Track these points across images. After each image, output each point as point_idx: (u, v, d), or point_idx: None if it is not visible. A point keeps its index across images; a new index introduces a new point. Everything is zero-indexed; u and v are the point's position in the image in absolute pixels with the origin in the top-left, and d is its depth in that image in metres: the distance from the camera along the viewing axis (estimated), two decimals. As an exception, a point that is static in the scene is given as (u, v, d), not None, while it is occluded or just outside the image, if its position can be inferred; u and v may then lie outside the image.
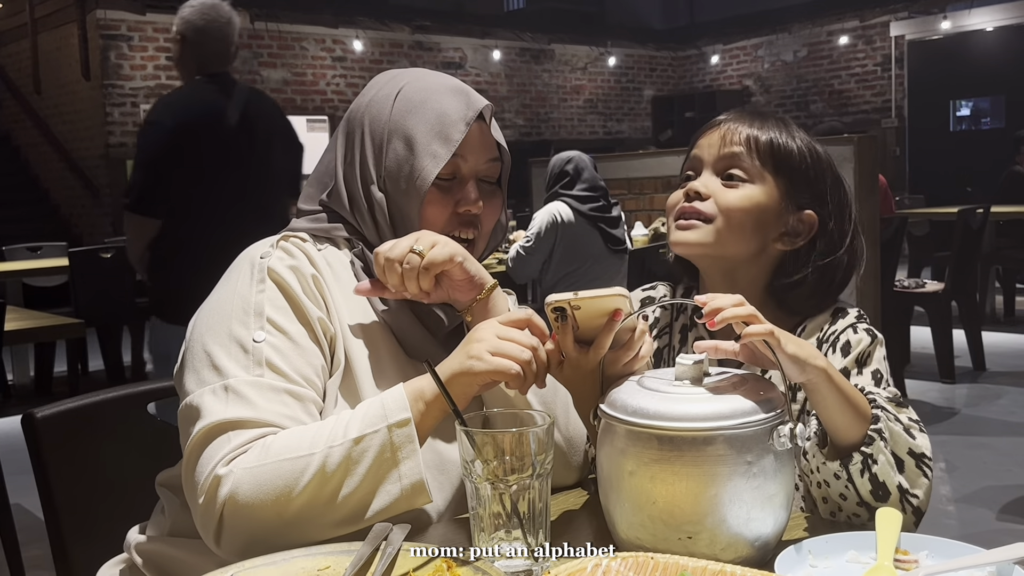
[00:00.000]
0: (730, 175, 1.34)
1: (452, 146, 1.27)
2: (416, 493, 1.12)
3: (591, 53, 14.16)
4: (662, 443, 1.00)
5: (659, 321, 1.48)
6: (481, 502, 1.03)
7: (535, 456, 1.02)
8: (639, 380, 1.09)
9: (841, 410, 1.12)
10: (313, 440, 1.11)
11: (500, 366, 1.12)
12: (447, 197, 1.30)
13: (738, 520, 0.99)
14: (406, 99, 1.30)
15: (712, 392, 1.03)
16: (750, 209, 1.33)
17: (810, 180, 1.36)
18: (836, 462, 1.14)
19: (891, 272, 5.21)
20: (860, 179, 4.46)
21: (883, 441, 1.13)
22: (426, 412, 1.14)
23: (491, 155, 1.33)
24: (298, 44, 11.42)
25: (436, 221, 1.30)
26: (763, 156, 1.34)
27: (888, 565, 0.96)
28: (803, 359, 1.07)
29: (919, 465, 1.16)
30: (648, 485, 1.01)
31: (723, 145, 1.36)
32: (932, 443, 1.21)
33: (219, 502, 1.09)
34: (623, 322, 1.17)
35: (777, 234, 1.35)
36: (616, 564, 0.93)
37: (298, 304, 1.22)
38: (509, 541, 1.02)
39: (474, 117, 1.29)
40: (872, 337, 1.31)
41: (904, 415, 1.20)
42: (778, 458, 1.01)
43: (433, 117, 1.28)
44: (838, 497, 1.16)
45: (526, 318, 1.19)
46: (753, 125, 1.37)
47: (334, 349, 1.24)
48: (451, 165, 1.29)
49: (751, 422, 0.99)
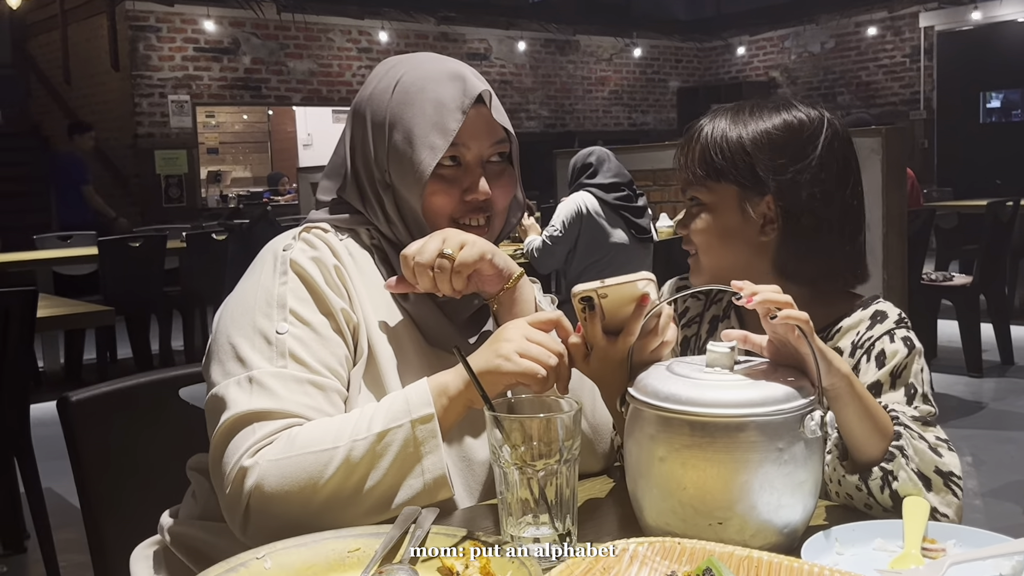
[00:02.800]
0: (691, 201, 1.37)
1: (449, 136, 1.25)
2: (438, 487, 1.14)
3: (616, 44, 14.10)
4: (694, 429, 1.00)
5: (689, 310, 1.48)
6: (509, 487, 1.04)
7: (563, 442, 1.02)
8: (668, 366, 1.09)
9: (860, 421, 1.11)
10: (337, 433, 1.13)
11: (528, 368, 1.13)
12: (452, 186, 1.29)
13: (768, 506, 0.99)
14: (403, 90, 1.29)
15: (744, 379, 1.03)
16: (711, 231, 1.34)
17: (751, 168, 1.31)
18: (856, 476, 1.13)
19: (918, 265, 5.17)
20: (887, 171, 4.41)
21: (904, 458, 1.12)
22: (449, 407, 1.16)
23: (495, 138, 1.31)
24: (324, 35, 11.45)
25: (441, 211, 1.29)
26: (702, 170, 1.33)
27: (915, 553, 0.96)
28: (829, 359, 1.06)
29: (947, 484, 1.14)
30: (679, 471, 1.01)
31: (681, 174, 1.38)
32: (958, 437, 1.20)
33: (245, 493, 1.11)
34: (650, 310, 1.17)
35: (757, 228, 1.33)
36: (643, 549, 0.93)
37: (320, 295, 1.23)
38: (536, 526, 1.03)
39: (470, 104, 1.26)
40: (909, 348, 1.27)
41: (931, 434, 1.19)
42: (808, 445, 1.01)
43: (430, 107, 1.27)
44: (863, 507, 1.15)
45: (556, 319, 1.20)
46: (695, 139, 1.36)
47: (357, 339, 1.25)
48: (452, 153, 1.27)
49: (783, 409, 0.99)
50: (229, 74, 10.86)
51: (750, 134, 1.32)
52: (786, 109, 1.34)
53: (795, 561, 0.89)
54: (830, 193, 1.32)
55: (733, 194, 1.32)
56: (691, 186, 1.36)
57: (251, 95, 11.15)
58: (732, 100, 1.55)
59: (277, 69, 11.17)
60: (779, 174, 1.31)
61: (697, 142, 1.35)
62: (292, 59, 11.24)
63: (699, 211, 1.35)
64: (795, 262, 1.34)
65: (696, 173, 1.35)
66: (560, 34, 13.45)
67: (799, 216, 1.31)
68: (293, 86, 11.31)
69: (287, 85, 11.25)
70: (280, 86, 11.24)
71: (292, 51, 11.24)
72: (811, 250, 1.33)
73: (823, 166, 1.32)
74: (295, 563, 1.01)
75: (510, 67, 13.02)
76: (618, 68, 14.27)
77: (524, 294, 1.27)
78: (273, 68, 11.15)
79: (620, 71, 14.30)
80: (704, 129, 1.35)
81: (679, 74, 14.97)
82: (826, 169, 1.32)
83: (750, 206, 1.32)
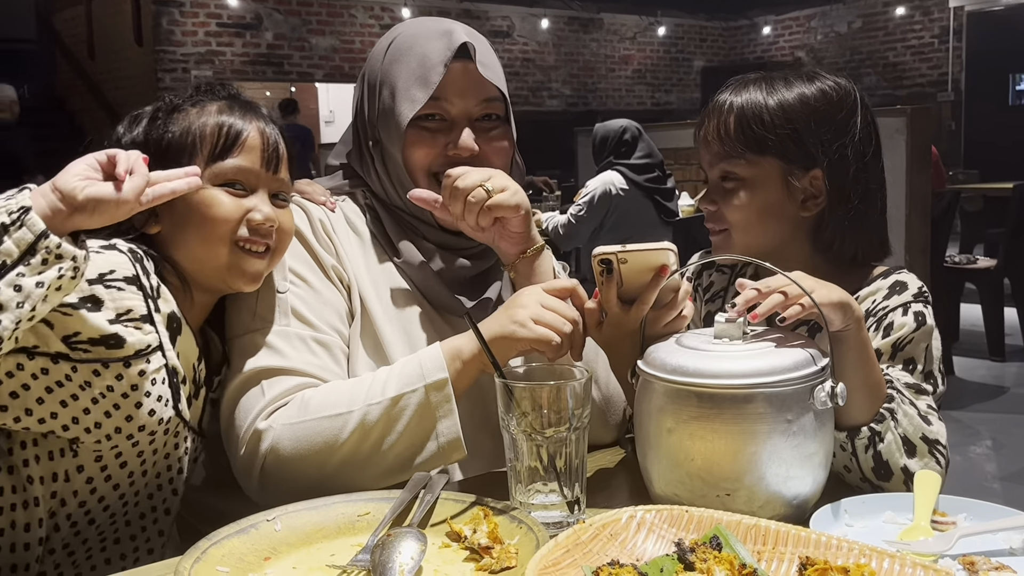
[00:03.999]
0: (726, 178, 1.31)
1: (430, 88, 1.25)
2: (453, 449, 1.14)
3: (640, 23, 13.97)
4: (702, 400, 1.00)
5: (714, 285, 1.47)
6: (518, 455, 1.04)
7: (572, 410, 1.02)
8: (677, 339, 1.09)
9: (858, 371, 1.09)
10: (352, 397, 1.13)
11: (542, 335, 1.13)
12: (433, 139, 1.28)
13: (777, 478, 0.99)
14: (395, 48, 1.31)
15: (752, 350, 1.02)
16: (753, 209, 1.29)
17: (799, 141, 1.28)
18: (843, 432, 1.12)
19: (942, 247, 5.11)
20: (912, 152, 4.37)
21: (894, 421, 1.11)
22: (463, 371, 1.16)
23: (483, 95, 1.29)
24: (347, 11, 11.42)
25: (420, 163, 1.29)
26: (743, 143, 1.28)
27: (925, 525, 0.95)
28: (844, 302, 1.05)
29: (932, 451, 1.13)
30: (687, 442, 1.01)
31: (709, 149, 1.32)
32: (979, 420, 1.19)
33: (260, 456, 1.12)
34: (667, 280, 1.16)
35: (798, 204, 1.30)
36: (651, 516, 0.94)
37: (313, 251, 1.26)
38: (545, 493, 1.03)
39: (451, 56, 1.25)
40: (918, 324, 1.23)
41: (922, 401, 1.18)
42: (818, 417, 1.00)
43: (415, 62, 1.27)
44: (842, 469, 1.14)
45: (571, 287, 1.20)
46: (727, 110, 1.30)
47: (351, 296, 1.27)
48: (435, 108, 1.27)
49: (791, 379, 0.99)
50: (251, 50, 10.86)
51: (792, 104, 1.28)
52: (818, 78, 1.31)
53: (802, 530, 0.89)
54: (871, 165, 1.31)
55: (776, 168, 1.28)
56: (725, 160, 1.30)
57: (273, 71, 11.14)
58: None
59: (299, 45, 11.15)
60: (827, 146, 1.28)
61: (730, 113, 1.29)
62: (314, 35, 11.22)
63: (736, 187, 1.30)
64: (839, 238, 1.31)
65: (733, 147, 1.29)
66: (584, 12, 13.34)
67: (847, 190, 1.29)
68: (315, 62, 11.29)
69: (309, 61, 11.23)
70: (302, 62, 11.23)
71: (314, 27, 11.22)
72: (854, 225, 1.30)
73: (864, 137, 1.30)
74: (305, 526, 1.02)
75: (533, 45, 12.94)
76: (642, 47, 14.15)
77: (543, 266, 1.27)
78: (295, 44, 11.13)
79: (644, 50, 14.17)
80: (735, 100, 1.30)
81: (703, 53, 14.82)
82: (864, 140, 1.30)
83: (795, 180, 1.29)
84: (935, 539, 0.94)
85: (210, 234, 1.16)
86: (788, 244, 1.32)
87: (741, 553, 0.87)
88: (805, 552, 0.87)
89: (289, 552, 0.98)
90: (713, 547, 0.88)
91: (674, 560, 0.87)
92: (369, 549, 0.94)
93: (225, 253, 1.17)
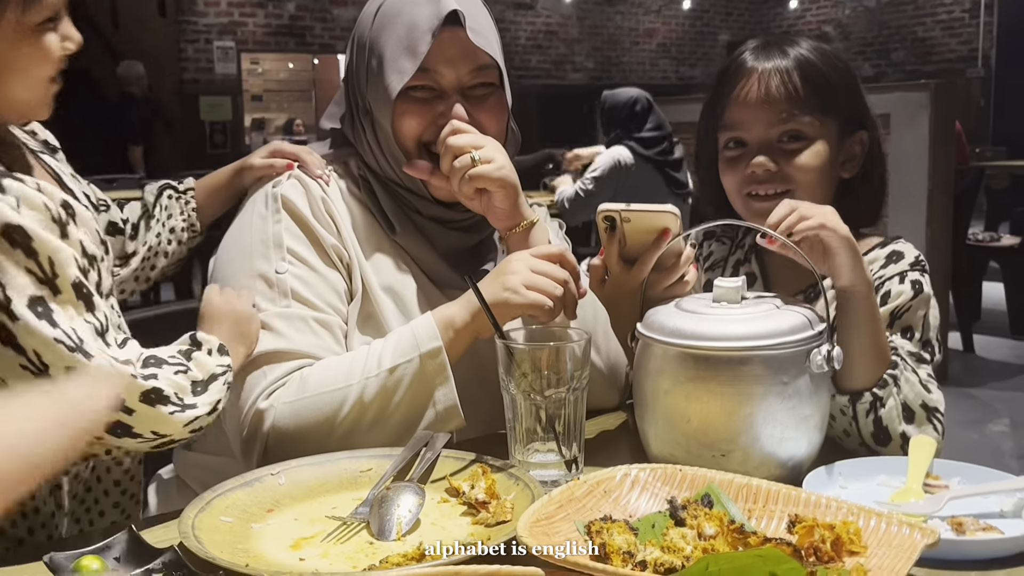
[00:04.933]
0: (785, 136, 1.28)
1: (418, 59, 1.22)
2: (450, 416, 1.16)
3: (665, -5, 13.85)
4: (698, 362, 1.01)
5: (714, 254, 1.48)
6: (517, 415, 1.06)
7: (572, 371, 1.04)
8: (677, 303, 1.10)
9: (866, 333, 1.10)
10: (348, 371, 1.15)
11: (535, 300, 1.14)
12: (424, 109, 1.25)
13: (772, 440, 1.00)
14: (383, 14, 1.27)
15: (749, 313, 1.03)
16: (819, 166, 1.28)
17: (851, 100, 1.31)
18: (845, 397, 1.13)
19: (965, 224, 5.06)
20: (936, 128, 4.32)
21: (896, 387, 1.12)
22: (456, 338, 1.17)
23: (475, 63, 1.26)
24: (370, -16, 11.39)
25: (410, 134, 1.26)
26: (811, 102, 1.27)
27: (916, 488, 0.96)
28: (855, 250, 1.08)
29: (931, 418, 1.14)
30: (683, 404, 1.02)
31: (767, 108, 1.27)
32: (999, 399, 1.20)
33: (262, 435, 1.14)
34: (669, 243, 1.17)
35: (839, 166, 1.32)
36: (645, 475, 0.95)
37: (312, 231, 1.25)
38: (544, 452, 1.05)
39: (439, 25, 1.21)
40: (915, 292, 1.23)
41: (923, 370, 1.19)
42: (814, 380, 1.01)
43: (403, 31, 1.24)
44: (841, 433, 1.15)
45: (559, 252, 1.20)
46: (784, 68, 1.28)
47: (351, 275, 1.26)
48: (424, 78, 1.24)
49: (788, 343, 1.00)
50: (274, 20, 10.86)
51: (841, 65, 1.31)
52: (816, 42, 1.33)
53: (793, 489, 0.90)
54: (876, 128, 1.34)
55: (835, 128, 1.30)
56: (792, 119, 1.27)
57: (295, 42, 11.14)
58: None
59: (321, 16, 11.14)
60: (866, 108, 1.32)
61: (792, 71, 1.27)
62: (337, 6, 11.20)
63: (802, 146, 1.28)
64: (861, 201, 1.33)
65: (802, 105, 1.27)
66: (608, -16, 13.24)
67: (878, 153, 1.32)
68: (337, 34, 11.28)
69: (331, 33, 11.22)
70: (324, 34, 11.22)
71: (337, -2, 11.21)
72: (876, 188, 1.33)
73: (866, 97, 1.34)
74: (308, 480, 1.04)
75: (556, 18, 12.85)
76: (666, 20, 14.02)
77: (536, 239, 1.26)
78: (318, 15, 11.12)
79: (668, 23, 14.05)
80: (786, 62, 1.28)
81: (729, 27, 14.67)
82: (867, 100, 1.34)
83: (848, 142, 1.31)
84: (925, 501, 0.95)
85: (36, 78, 1.14)
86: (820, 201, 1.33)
87: (731, 510, 0.88)
88: (795, 510, 0.88)
89: (291, 504, 1.00)
90: (704, 504, 0.89)
91: (666, 516, 0.89)
92: (369, 503, 0.97)
93: (45, 91, 1.16)
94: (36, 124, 1.31)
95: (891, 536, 0.81)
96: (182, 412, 1.06)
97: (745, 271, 1.41)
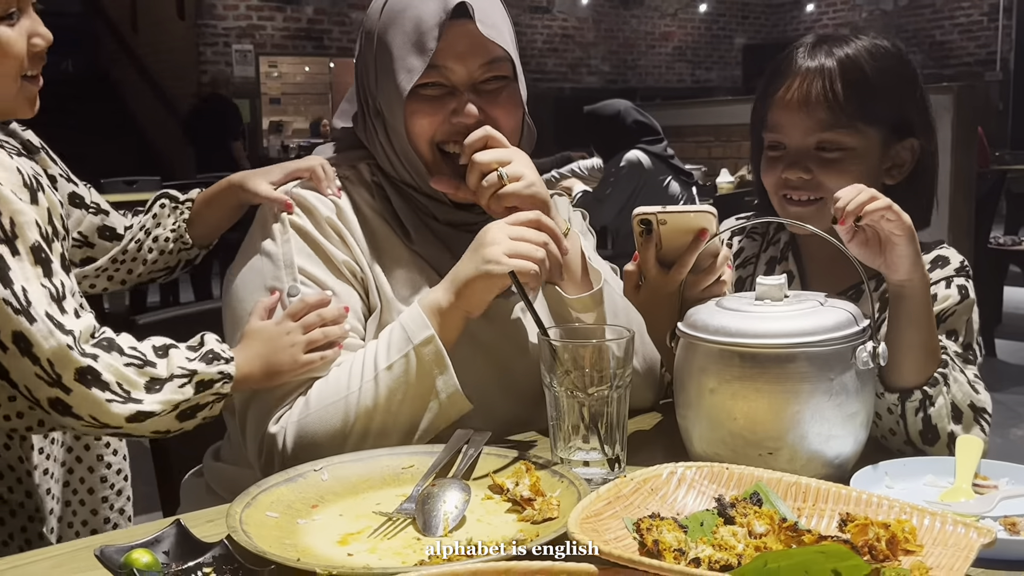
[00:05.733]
0: (824, 146, 1.26)
1: (427, 56, 1.17)
2: (454, 403, 1.14)
3: (681, -1, 13.84)
4: (744, 360, 1.01)
5: (744, 251, 1.47)
6: (560, 413, 1.05)
7: (614, 369, 1.04)
8: (718, 301, 1.10)
9: (920, 329, 1.09)
10: (348, 380, 1.14)
11: (519, 267, 1.10)
12: (436, 107, 1.21)
13: (819, 437, 1.00)
14: (389, 8, 1.23)
15: (794, 310, 1.03)
16: (856, 178, 1.24)
17: (901, 105, 1.27)
18: (895, 395, 1.12)
19: (986, 228, 5.03)
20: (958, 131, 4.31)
21: (946, 386, 1.11)
22: (445, 323, 1.15)
23: (486, 57, 1.21)
24: (387, -14, 11.42)
25: (423, 134, 1.22)
26: (851, 112, 1.24)
27: (966, 488, 0.96)
28: (918, 247, 1.06)
29: (978, 419, 1.13)
30: (729, 402, 1.02)
31: (807, 114, 1.25)
32: (1021, 403, 1.19)
33: (277, 458, 1.13)
34: (705, 244, 1.17)
35: (884, 172, 1.29)
36: (692, 473, 0.95)
37: (322, 249, 1.22)
38: (587, 450, 1.05)
39: (446, 19, 1.17)
40: (962, 297, 1.23)
41: (970, 371, 1.18)
42: (860, 376, 1.01)
43: (410, 26, 1.19)
44: (887, 432, 1.14)
45: (535, 218, 1.16)
46: (828, 74, 1.24)
47: (368, 290, 1.24)
48: (434, 75, 1.19)
49: (834, 339, 0.99)
50: (292, 24, 10.91)
51: (896, 67, 1.27)
52: (876, 38, 1.29)
53: (843, 488, 0.89)
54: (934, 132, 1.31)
55: (879, 137, 1.26)
56: (831, 129, 1.24)
57: (313, 46, 11.19)
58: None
59: (339, 20, 11.18)
60: (921, 112, 1.28)
61: (835, 78, 1.23)
62: (355, 10, 11.24)
63: (841, 157, 1.25)
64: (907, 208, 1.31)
65: (840, 116, 1.24)
66: (624, -12, 13.24)
67: (931, 157, 1.29)
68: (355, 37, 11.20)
69: (349, 36, 11.26)
70: (342, 37, 11.26)
71: (354, 1, 11.23)
72: (922, 193, 1.31)
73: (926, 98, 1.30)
74: (351, 476, 1.04)
75: (572, 21, 12.86)
76: (682, 23, 14.01)
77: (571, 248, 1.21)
78: (335, 19, 11.17)
79: (684, 27, 14.04)
80: (831, 63, 1.25)
81: (745, 31, 14.65)
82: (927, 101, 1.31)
83: (895, 149, 1.28)
84: (976, 501, 0.94)
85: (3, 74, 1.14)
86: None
87: (781, 509, 0.87)
88: (846, 509, 0.87)
89: (336, 500, 1.00)
90: (753, 503, 0.89)
91: (714, 515, 0.89)
92: (414, 498, 0.97)
93: (15, 89, 1.16)
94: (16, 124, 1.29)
95: (946, 535, 0.80)
96: (123, 404, 1.06)
97: (782, 269, 1.40)
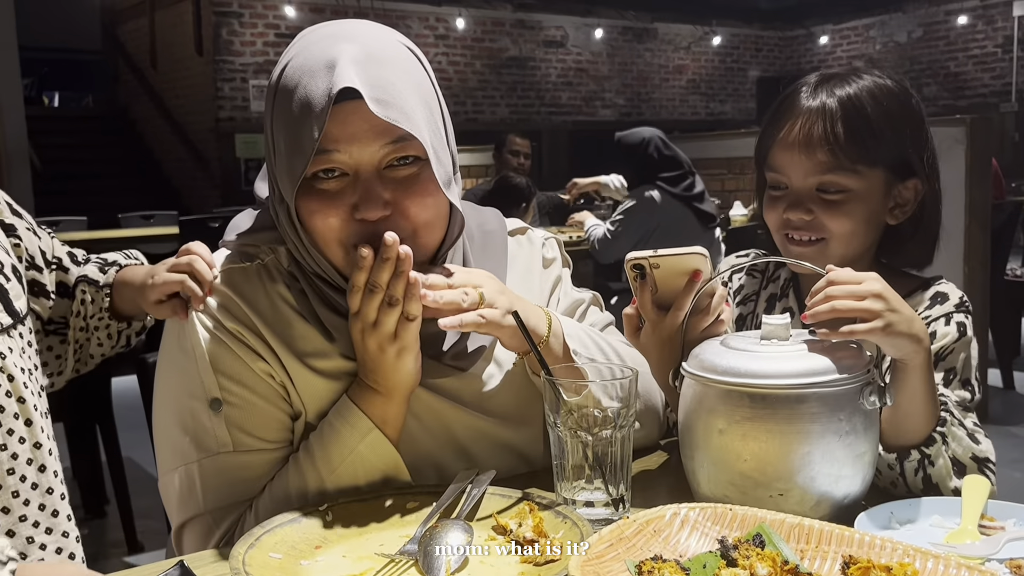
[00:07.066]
0: (825, 188, 1.26)
1: (314, 143, 1.01)
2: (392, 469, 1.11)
3: (695, 32, 13.92)
4: (754, 401, 1.00)
5: (744, 288, 1.46)
6: (564, 453, 1.05)
7: (618, 409, 1.04)
8: (723, 341, 1.09)
9: (923, 399, 1.08)
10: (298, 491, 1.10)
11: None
12: (335, 202, 1.06)
13: (829, 478, 0.99)
14: (284, 82, 1.07)
15: (801, 350, 1.03)
16: (858, 219, 1.26)
17: (903, 146, 1.27)
18: (892, 455, 1.11)
19: (1003, 260, 5.00)
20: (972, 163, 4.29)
21: (945, 445, 1.10)
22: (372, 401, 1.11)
23: (386, 138, 1.05)
24: (402, 22, 11.55)
25: (329, 236, 1.07)
26: (852, 154, 1.23)
27: (972, 529, 0.95)
28: (918, 335, 1.03)
29: (982, 469, 1.12)
30: (738, 443, 1.01)
31: (808, 156, 1.25)
32: None
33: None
34: (702, 285, 1.17)
35: (887, 212, 1.29)
36: (695, 514, 0.94)
37: (238, 359, 1.12)
38: (590, 490, 1.05)
39: (330, 103, 1.01)
40: (960, 334, 1.22)
41: (969, 420, 1.17)
42: (867, 416, 1.00)
43: (298, 108, 1.04)
44: (888, 485, 1.13)
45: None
46: (829, 115, 1.23)
47: (290, 397, 1.14)
48: (327, 162, 1.04)
49: (843, 379, 0.99)
50: (309, 60, 11.03)
51: (900, 106, 1.26)
52: (880, 77, 1.29)
53: (846, 529, 0.89)
54: (936, 172, 1.31)
55: (881, 178, 1.26)
56: (832, 171, 1.24)
57: (330, 81, 11.29)
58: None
59: (356, 55, 11.30)
60: (924, 152, 1.28)
61: (836, 120, 1.23)
62: (370, 45, 11.36)
63: (843, 199, 1.25)
64: (911, 246, 1.31)
65: (842, 159, 1.23)
66: (638, 22, 13.34)
67: (935, 197, 1.29)
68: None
69: (365, 71, 11.37)
70: (358, 72, 11.37)
71: (370, 37, 11.37)
72: (926, 232, 1.31)
73: (930, 136, 1.30)
74: (355, 517, 1.04)
75: (586, 55, 12.96)
76: (696, 57, 14.09)
77: (553, 350, 1.16)
78: (352, 54, 11.28)
79: (698, 60, 14.12)
80: (834, 103, 1.24)
81: (759, 63, 14.71)
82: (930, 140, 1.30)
83: (897, 189, 1.28)
84: (982, 542, 0.93)
85: None
86: (864, 248, 1.31)
87: (784, 551, 0.87)
88: (848, 551, 0.87)
89: (339, 541, 1.01)
90: (756, 544, 0.88)
91: (717, 556, 0.88)
92: (417, 540, 0.97)
93: None
94: None
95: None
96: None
97: (783, 306, 1.40)
